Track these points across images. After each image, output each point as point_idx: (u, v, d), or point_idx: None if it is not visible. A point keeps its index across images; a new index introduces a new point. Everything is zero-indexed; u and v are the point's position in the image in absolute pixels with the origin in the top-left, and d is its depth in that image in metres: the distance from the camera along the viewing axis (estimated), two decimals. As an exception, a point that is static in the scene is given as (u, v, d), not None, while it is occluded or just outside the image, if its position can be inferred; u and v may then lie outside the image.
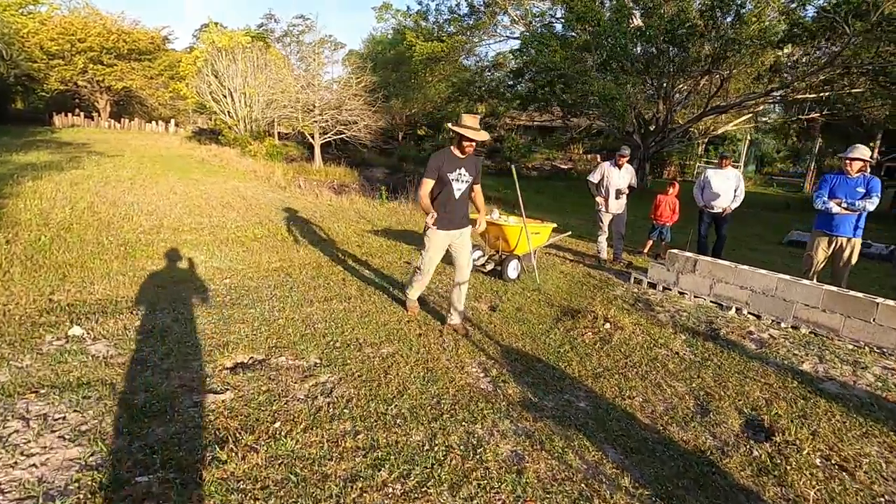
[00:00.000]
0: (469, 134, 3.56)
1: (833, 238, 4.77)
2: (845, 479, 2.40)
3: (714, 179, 6.52)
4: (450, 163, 3.67)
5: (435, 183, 3.71)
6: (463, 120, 3.63)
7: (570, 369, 3.42)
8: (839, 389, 3.34)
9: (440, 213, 3.71)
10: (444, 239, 3.81)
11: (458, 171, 3.69)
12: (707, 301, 5.13)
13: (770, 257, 8.15)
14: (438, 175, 3.66)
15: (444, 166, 3.65)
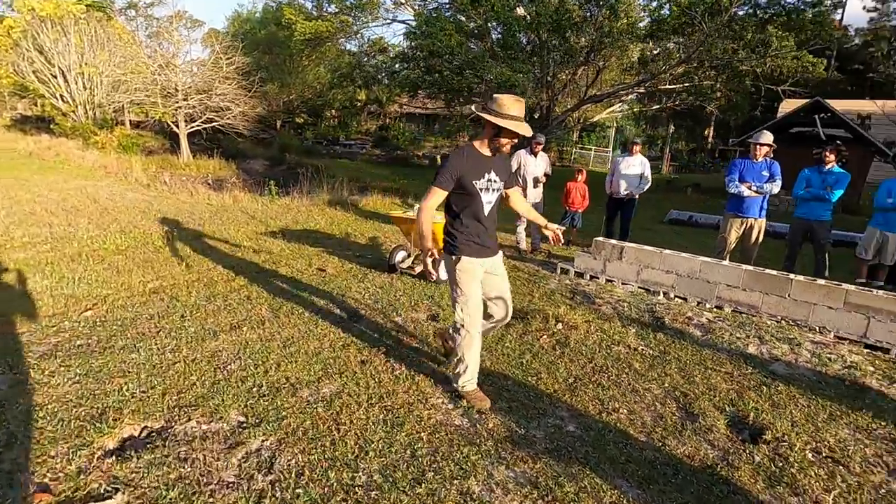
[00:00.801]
0: (515, 128, 2.44)
1: (743, 219, 5.05)
2: (845, 474, 2.35)
3: (622, 165, 6.67)
4: (475, 166, 2.56)
5: (451, 195, 2.62)
6: (504, 105, 2.44)
7: (541, 384, 3.06)
8: (787, 370, 3.42)
9: (465, 237, 2.65)
10: (479, 269, 2.70)
11: (486, 176, 2.60)
12: (636, 287, 5.16)
13: (664, 236, 8.73)
14: (458, 184, 2.55)
15: (468, 171, 2.54)
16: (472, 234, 2.66)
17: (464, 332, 2.69)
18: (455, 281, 2.68)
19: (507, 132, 2.47)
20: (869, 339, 3.97)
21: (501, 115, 2.44)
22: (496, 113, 2.45)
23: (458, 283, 2.67)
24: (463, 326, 2.68)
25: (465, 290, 2.66)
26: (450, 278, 2.73)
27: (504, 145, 2.55)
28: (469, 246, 2.65)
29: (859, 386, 3.25)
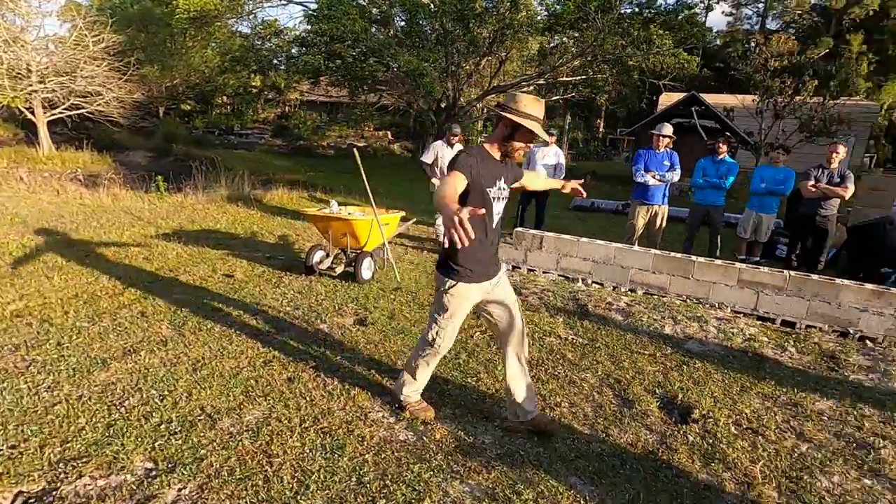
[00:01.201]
0: (535, 128, 2.16)
1: (649, 206, 5.39)
2: (764, 443, 2.55)
3: (538, 156, 6.79)
4: (488, 170, 2.22)
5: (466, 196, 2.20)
6: (523, 103, 2.17)
7: (482, 384, 2.98)
8: (700, 347, 3.69)
9: (468, 260, 2.27)
10: (476, 295, 2.37)
11: (498, 184, 2.28)
12: (555, 275, 5.31)
13: (571, 223, 9.16)
14: (468, 189, 2.16)
15: (483, 176, 2.20)
16: (476, 254, 2.26)
17: (430, 350, 2.44)
18: (442, 302, 2.34)
19: (524, 134, 2.18)
20: (759, 312, 4.43)
21: (521, 113, 2.15)
22: (515, 111, 2.16)
23: (445, 304, 2.34)
24: (431, 345, 2.42)
25: (452, 311, 2.34)
26: (436, 297, 2.39)
27: (517, 150, 2.25)
28: (471, 271, 2.28)
29: (759, 356, 3.59)
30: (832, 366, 3.50)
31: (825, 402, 3.00)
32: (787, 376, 3.31)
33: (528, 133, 2.18)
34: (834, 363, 3.53)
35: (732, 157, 5.76)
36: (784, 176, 6.03)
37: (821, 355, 3.65)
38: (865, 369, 3.44)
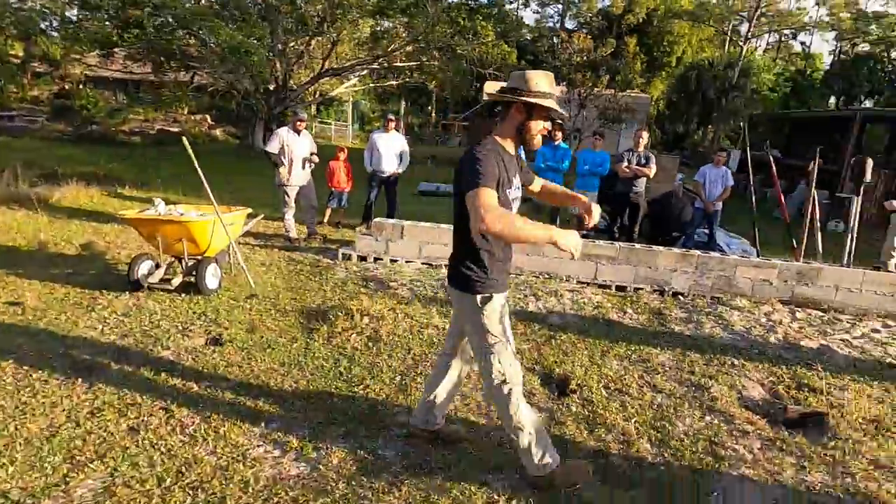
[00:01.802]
0: (554, 105, 1.89)
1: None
2: (630, 401, 2.86)
3: (381, 142, 6.60)
4: (507, 169, 1.91)
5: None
6: (534, 82, 1.87)
7: (370, 392, 2.79)
8: (561, 320, 4.02)
9: (496, 267, 1.98)
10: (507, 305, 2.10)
11: (514, 182, 1.97)
12: (420, 264, 5.29)
13: (420, 208, 9.27)
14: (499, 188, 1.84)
15: (503, 177, 1.87)
16: (502, 262, 2.01)
17: (506, 388, 1.99)
18: (484, 326, 1.96)
19: (540, 113, 1.88)
20: (599, 280, 5.01)
21: (536, 93, 1.85)
22: (529, 92, 1.85)
23: (488, 327, 1.96)
24: (504, 382, 1.98)
25: (500, 333, 1.98)
26: (475, 323, 1.98)
27: (535, 134, 1.92)
28: (500, 279, 2.00)
29: (608, 321, 4.05)
30: (661, 321, 4.12)
31: (664, 354, 3.51)
32: (632, 336, 3.79)
33: (544, 112, 1.89)
34: (662, 319, 4.16)
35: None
36: (602, 159, 6.90)
37: (651, 313, 4.27)
38: (684, 321, 4.13)
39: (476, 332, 1.99)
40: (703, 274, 4.85)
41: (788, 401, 2.97)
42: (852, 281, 4.65)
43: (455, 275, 2.00)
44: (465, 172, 1.78)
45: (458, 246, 2.00)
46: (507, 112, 1.92)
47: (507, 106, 1.91)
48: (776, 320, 4.13)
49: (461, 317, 2.12)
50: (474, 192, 1.71)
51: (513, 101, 1.88)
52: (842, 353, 3.63)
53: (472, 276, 1.94)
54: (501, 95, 1.90)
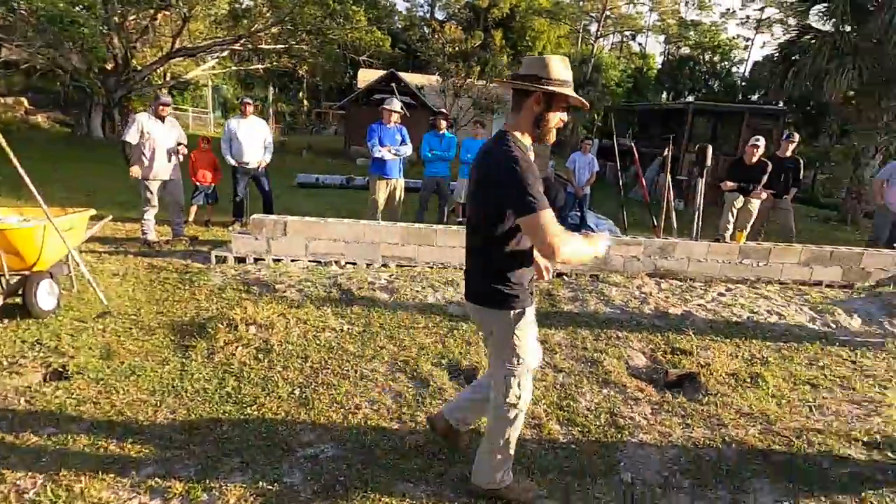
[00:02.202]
0: (573, 93, 1.71)
1: (388, 181, 5.49)
2: (537, 384, 2.93)
3: (240, 130, 5.92)
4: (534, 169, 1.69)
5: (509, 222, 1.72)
6: (555, 70, 1.67)
7: (266, 412, 2.49)
8: (459, 309, 4.00)
9: (526, 279, 1.83)
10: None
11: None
12: (307, 262, 4.92)
13: (298, 200, 8.71)
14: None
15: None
16: (528, 273, 1.84)
17: (514, 412, 1.88)
18: (513, 345, 1.81)
19: (559, 103, 1.70)
20: (490, 267, 5.11)
21: (556, 81, 1.66)
22: (550, 80, 1.65)
23: (517, 346, 1.81)
24: (515, 406, 1.87)
25: (526, 348, 1.83)
26: (505, 341, 1.81)
27: (553, 127, 1.74)
28: (528, 290, 1.83)
29: (505, 307, 4.13)
30: (552, 302, 4.32)
31: (559, 333, 3.67)
32: (527, 319, 3.91)
33: (564, 101, 1.72)
34: (552, 300, 4.37)
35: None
36: (484, 147, 7.07)
37: (542, 295, 4.46)
38: (572, 300, 4.38)
39: (504, 348, 1.83)
40: (583, 254, 5.21)
41: (667, 365, 3.29)
42: (700, 252, 5.34)
43: (483, 291, 1.82)
44: (509, 187, 1.60)
45: (485, 261, 1.81)
46: (522, 103, 1.71)
47: (525, 96, 1.70)
48: (647, 292, 4.58)
49: (486, 334, 1.97)
50: (534, 217, 1.56)
51: (532, 91, 1.67)
52: (700, 317, 4.14)
53: (506, 292, 1.77)
54: (523, 84, 1.68)
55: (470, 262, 1.89)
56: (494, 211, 1.69)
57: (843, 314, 4.35)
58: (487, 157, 1.73)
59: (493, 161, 1.68)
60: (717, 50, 37.50)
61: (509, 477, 2.00)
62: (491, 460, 1.95)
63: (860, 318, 4.33)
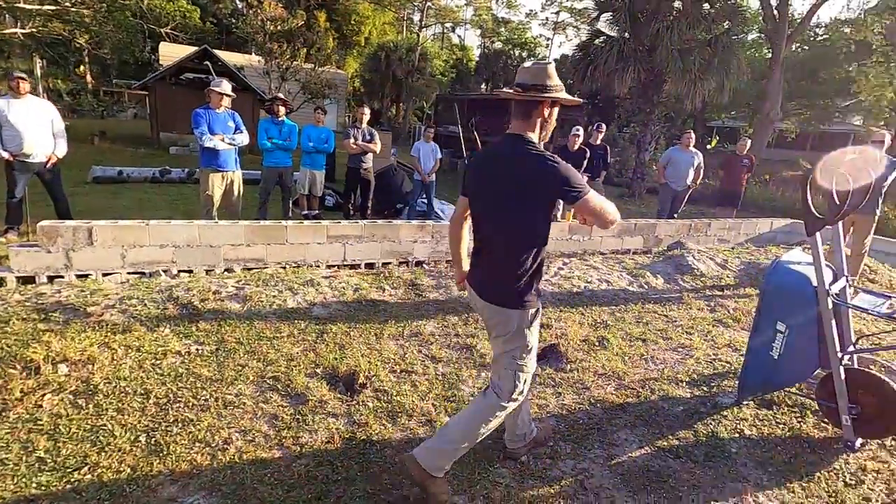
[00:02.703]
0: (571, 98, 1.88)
1: (224, 174, 4.83)
2: (419, 379, 2.89)
3: (13, 113, 4.63)
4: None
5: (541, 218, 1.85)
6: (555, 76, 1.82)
7: (103, 473, 1.98)
8: (325, 310, 3.74)
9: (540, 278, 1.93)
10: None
11: None
12: (125, 275, 4.09)
13: (100, 200, 7.22)
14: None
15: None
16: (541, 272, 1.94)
17: (511, 406, 2.00)
18: (526, 342, 1.93)
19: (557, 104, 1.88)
20: (348, 261, 4.90)
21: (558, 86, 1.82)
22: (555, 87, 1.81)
23: (529, 343, 1.94)
24: (513, 400, 1.99)
25: (533, 345, 1.98)
26: (518, 338, 1.92)
27: (553, 127, 1.91)
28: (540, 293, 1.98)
29: (372, 302, 4.00)
30: (417, 292, 4.32)
31: (430, 323, 3.68)
32: (398, 312, 3.84)
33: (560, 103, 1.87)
34: (417, 289, 4.36)
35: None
36: (326, 135, 6.72)
37: (407, 285, 4.43)
38: (435, 287, 4.44)
39: (516, 346, 1.92)
40: (438, 241, 5.32)
41: (531, 340, 3.55)
42: (539, 232, 5.89)
43: (506, 292, 1.88)
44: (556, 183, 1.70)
45: (510, 262, 1.85)
46: (532, 110, 1.82)
47: (535, 104, 1.81)
48: (501, 273, 4.89)
49: (500, 333, 1.95)
50: (587, 198, 1.71)
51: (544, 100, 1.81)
52: (549, 291, 4.57)
53: (527, 291, 1.88)
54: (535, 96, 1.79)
55: (489, 265, 1.93)
56: (531, 212, 1.79)
57: (650, 276, 5.23)
58: (519, 163, 1.77)
59: (530, 164, 1.75)
60: (525, 46, 41.74)
61: (448, 469, 2.00)
62: (454, 447, 1.96)
63: (662, 277, 5.25)
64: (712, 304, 4.58)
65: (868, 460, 2.47)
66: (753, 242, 7.65)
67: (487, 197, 1.87)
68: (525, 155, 1.76)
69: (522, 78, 1.80)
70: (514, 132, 1.83)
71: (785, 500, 2.17)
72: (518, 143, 1.80)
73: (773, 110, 13.56)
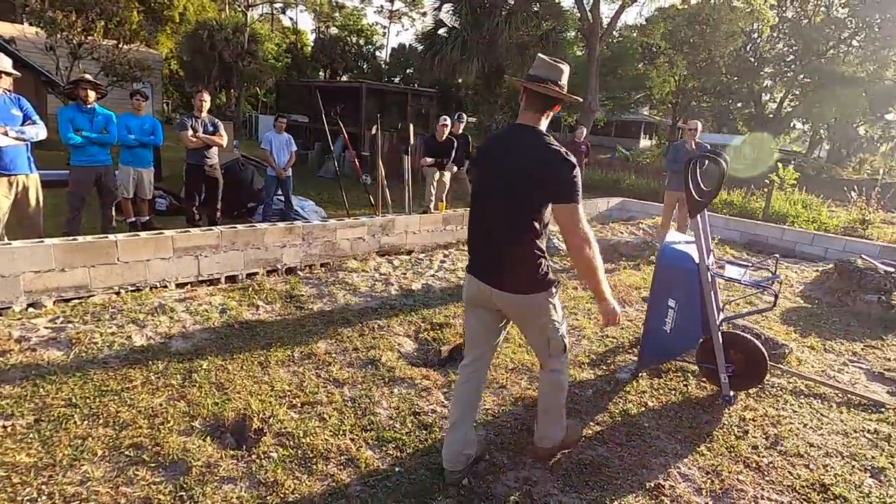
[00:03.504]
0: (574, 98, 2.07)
1: (11, 178, 3.63)
2: (328, 411, 2.49)
3: None
4: None
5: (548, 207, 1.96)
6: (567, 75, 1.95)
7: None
8: (189, 343, 3.06)
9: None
10: None
11: None
12: None
13: None
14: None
15: None
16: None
17: (565, 358, 2.11)
18: (555, 306, 2.01)
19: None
20: (204, 276, 4.14)
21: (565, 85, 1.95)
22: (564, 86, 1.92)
23: (556, 309, 2.02)
24: (565, 351, 2.09)
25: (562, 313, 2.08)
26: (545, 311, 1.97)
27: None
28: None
29: (245, 324, 3.39)
30: (297, 304, 3.80)
31: (322, 340, 3.25)
32: (280, 332, 3.31)
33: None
34: (297, 301, 3.85)
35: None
36: (151, 125, 5.60)
37: (283, 298, 3.88)
38: (318, 297, 3.97)
39: (544, 316, 1.98)
40: (311, 244, 4.80)
41: (435, 343, 3.36)
42: (415, 225, 5.72)
43: (527, 280, 1.92)
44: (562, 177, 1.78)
45: (525, 251, 1.90)
46: (547, 105, 1.90)
47: (550, 99, 1.89)
48: (386, 273, 4.59)
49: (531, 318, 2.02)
50: (575, 208, 1.80)
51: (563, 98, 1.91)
52: (438, 286, 4.43)
53: (544, 272, 1.94)
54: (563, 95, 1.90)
55: (502, 255, 1.92)
56: (544, 203, 1.85)
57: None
58: (541, 155, 1.81)
59: (545, 155, 1.80)
60: (362, 34, 40.93)
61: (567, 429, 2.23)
62: (559, 416, 2.16)
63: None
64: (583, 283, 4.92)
65: (744, 410, 2.82)
66: (597, 220, 8.56)
67: (500, 187, 1.88)
68: (542, 147, 1.83)
69: (544, 73, 1.88)
70: (527, 123, 1.90)
71: (700, 464, 2.35)
72: (535, 135, 1.87)
73: (593, 101, 15.37)
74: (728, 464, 2.35)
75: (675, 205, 6.22)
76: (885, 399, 3.09)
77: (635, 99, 30.07)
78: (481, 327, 2.08)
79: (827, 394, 3.10)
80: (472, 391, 2.10)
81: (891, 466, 2.43)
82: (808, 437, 2.62)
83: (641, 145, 32.00)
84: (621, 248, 6.25)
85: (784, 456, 2.45)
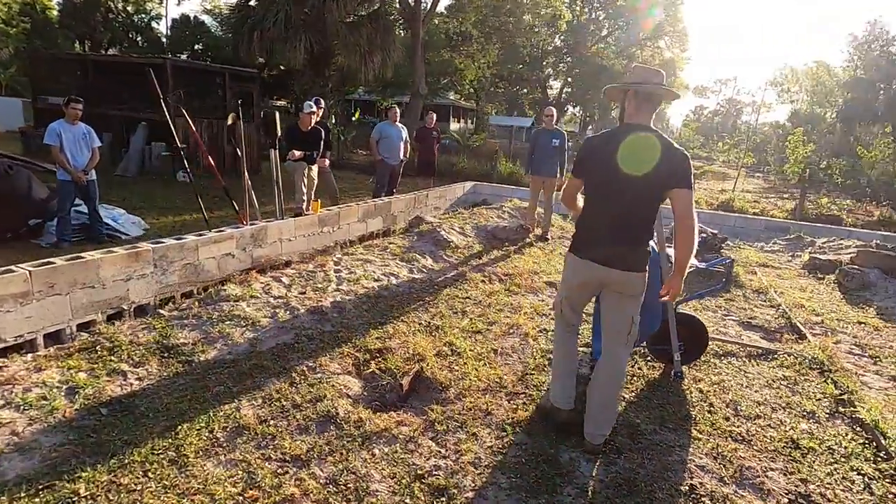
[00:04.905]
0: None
1: None
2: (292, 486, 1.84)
3: None
4: None
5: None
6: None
7: None
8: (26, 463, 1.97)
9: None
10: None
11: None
12: None
13: None
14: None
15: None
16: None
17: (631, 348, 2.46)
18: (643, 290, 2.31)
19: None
20: (8, 342, 2.80)
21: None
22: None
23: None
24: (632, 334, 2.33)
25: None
26: (639, 291, 2.27)
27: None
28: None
29: (112, 403, 2.36)
30: (179, 357, 2.81)
31: (241, 398, 2.44)
32: (172, 405, 2.38)
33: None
34: (176, 353, 2.85)
35: None
36: None
37: (154, 354, 2.83)
38: (204, 341, 3.00)
39: (638, 297, 2.26)
40: (165, 270, 3.67)
41: (383, 376, 2.82)
42: (290, 231, 4.85)
43: (638, 259, 2.21)
44: (686, 170, 2.08)
45: (640, 234, 2.21)
46: (656, 105, 2.23)
47: (657, 101, 2.23)
48: (282, 295, 3.75)
49: (632, 292, 2.24)
50: (692, 193, 2.10)
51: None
52: (349, 302, 3.79)
53: (648, 253, 2.29)
54: (673, 91, 2.25)
55: (622, 239, 2.18)
56: (663, 192, 2.12)
57: (419, 257, 5.08)
58: (669, 150, 2.09)
59: (675, 153, 2.10)
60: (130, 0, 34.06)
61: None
62: (616, 410, 2.36)
63: (430, 257, 5.19)
64: (488, 275, 4.80)
65: (696, 383, 3.02)
66: (457, 205, 8.60)
67: (633, 179, 2.09)
68: (671, 146, 2.10)
69: (653, 78, 2.18)
70: (643, 123, 2.16)
71: (703, 450, 2.39)
72: (660, 135, 2.13)
73: (421, 85, 15.45)
74: (722, 443, 2.45)
75: (541, 188, 6.53)
76: (769, 345, 3.65)
77: (443, 84, 31.50)
78: (587, 297, 2.46)
79: (734, 350, 3.53)
80: (571, 348, 2.48)
81: (816, 408, 2.84)
82: (752, 396, 2.92)
83: (452, 128, 33.85)
84: (500, 234, 6.35)
85: (750, 420, 2.67)
